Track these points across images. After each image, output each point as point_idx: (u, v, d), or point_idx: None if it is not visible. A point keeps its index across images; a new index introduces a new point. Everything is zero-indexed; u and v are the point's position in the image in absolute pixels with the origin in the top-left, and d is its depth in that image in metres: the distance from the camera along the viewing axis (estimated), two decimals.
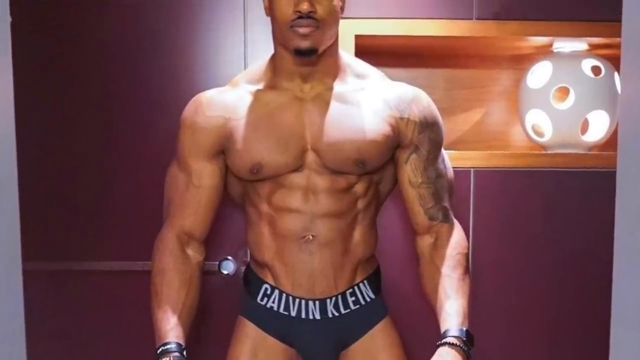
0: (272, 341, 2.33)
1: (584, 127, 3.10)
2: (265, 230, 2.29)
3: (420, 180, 2.25)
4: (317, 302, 2.29)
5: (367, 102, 2.22)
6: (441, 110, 2.34)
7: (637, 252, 1.17)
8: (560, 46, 3.13)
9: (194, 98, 2.29)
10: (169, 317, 2.15)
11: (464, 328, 2.06)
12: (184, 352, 2.10)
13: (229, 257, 3.00)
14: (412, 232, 2.34)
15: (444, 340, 2.04)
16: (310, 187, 2.21)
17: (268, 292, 2.33)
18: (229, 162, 2.24)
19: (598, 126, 3.10)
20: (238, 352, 2.35)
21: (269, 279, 2.33)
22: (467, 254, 2.27)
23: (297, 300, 2.29)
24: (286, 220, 2.23)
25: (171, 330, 2.12)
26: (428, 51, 3.34)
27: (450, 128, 3.30)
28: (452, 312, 2.09)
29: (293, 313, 2.30)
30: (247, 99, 2.24)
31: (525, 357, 3.14)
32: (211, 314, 2.99)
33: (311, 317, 2.30)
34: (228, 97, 2.25)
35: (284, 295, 2.30)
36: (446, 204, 2.29)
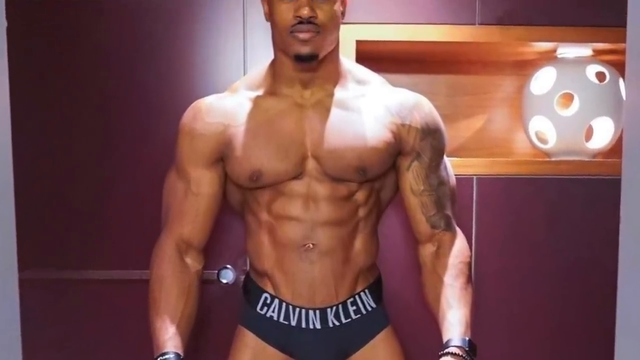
0: (272, 351, 2.33)
1: (588, 134, 3.10)
2: (265, 238, 2.28)
3: (422, 187, 2.25)
4: (318, 312, 2.29)
5: (368, 109, 2.22)
6: (443, 116, 2.34)
7: None
8: (564, 52, 3.13)
9: (193, 104, 2.29)
10: (167, 327, 2.14)
11: (467, 338, 2.05)
12: None
13: (228, 266, 3.00)
14: (414, 241, 2.34)
15: (446, 350, 2.03)
16: (310, 195, 2.21)
17: (268, 302, 2.32)
18: (228, 170, 2.24)
19: (602, 133, 3.10)
20: None
21: (269, 288, 2.32)
22: (470, 263, 2.27)
23: (298, 309, 2.29)
24: (286, 228, 2.23)
25: (169, 339, 2.12)
26: (430, 57, 3.34)
27: (452, 135, 3.30)
28: (455, 322, 2.09)
29: (293, 322, 2.30)
30: (247, 106, 2.24)
31: None
32: (210, 324, 2.99)
33: (311, 327, 2.29)
34: (227, 104, 2.25)
35: (284, 304, 2.30)
36: (448, 212, 2.29)
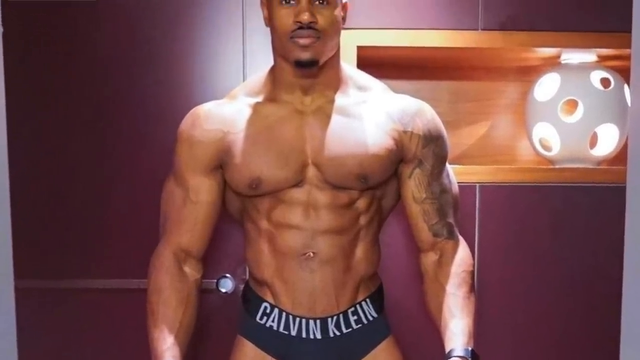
0: None
1: (593, 141, 3.10)
2: (264, 247, 2.28)
3: (424, 195, 2.25)
4: (318, 321, 2.28)
5: (370, 115, 2.22)
6: (446, 123, 2.34)
7: None
8: (568, 57, 3.13)
9: (191, 111, 2.29)
10: (166, 337, 2.14)
11: (470, 348, 2.05)
12: None
13: (227, 275, 3.00)
14: (416, 249, 2.34)
15: None
16: (311, 203, 2.21)
17: (267, 311, 2.32)
18: (227, 177, 2.24)
19: (607, 140, 3.10)
20: None
21: (269, 298, 2.32)
22: (473, 272, 2.27)
23: (298, 319, 2.28)
24: (286, 236, 2.23)
25: (168, 350, 2.12)
26: (432, 63, 3.34)
27: (455, 142, 3.30)
28: (457, 332, 2.09)
29: (293, 332, 2.29)
30: (246, 112, 2.24)
31: None
32: (209, 334, 2.99)
33: (312, 337, 2.29)
34: (226, 110, 2.25)
35: (284, 314, 2.29)
36: (451, 220, 2.29)
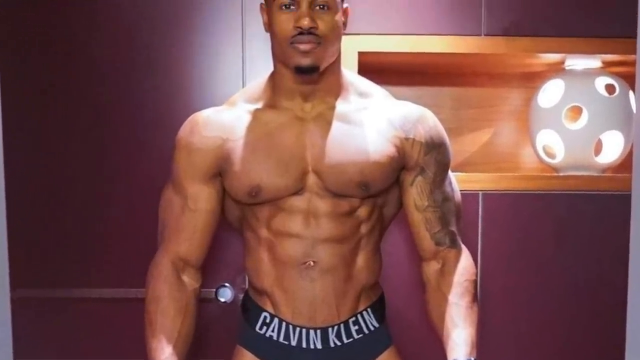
0: None
1: (598, 148, 3.10)
2: (264, 256, 2.28)
3: (426, 203, 2.25)
4: (319, 331, 2.28)
5: (371, 122, 2.22)
6: (448, 130, 2.34)
7: None
8: (572, 63, 3.13)
9: (190, 118, 2.29)
10: (164, 347, 2.14)
11: (472, 358, 2.05)
12: None
13: (227, 284, 3.00)
14: (418, 258, 2.34)
15: None
16: (311, 211, 2.21)
17: (267, 321, 2.32)
18: (227, 185, 2.24)
19: (612, 147, 3.10)
20: None
21: (268, 307, 2.32)
22: (475, 281, 2.27)
23: (298, 329, 2.28)
24: (286, 245, 2.23)
25: None
26: (434, 69, 3.34)
27: (457, 149, 3.30)
28: (460, 342, 2.09)
29: (293, 342, 2.29)
30: (246, 119, 2.24)
31: None
32: (208, 343, 2.99)
33: (312, 347, 2.29)
34: (225, 117, 2.25)
35: (284, 323, 2.29)
36: (453, 229, 2.29)
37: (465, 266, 2.26)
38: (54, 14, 2.93)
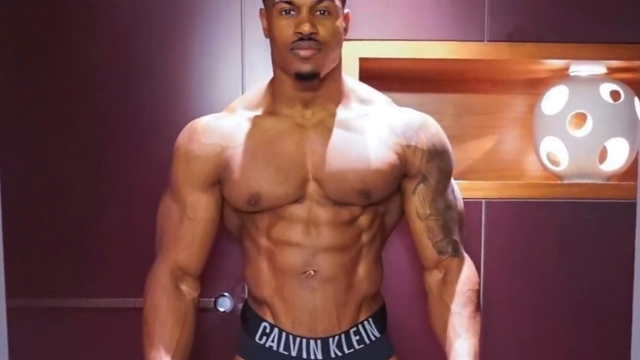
0: None
1: (602, 156, 3.10)
2: (264, 265, 2.28)
3: (428, 211, 2.25)
4: (319, 342, 2.28)
5: (372, 129, 2.22)
6: (451, 137, 2.34)
7: None
8: (577, 70, 3.14)
9: (189, 125, 2.29)
10: (162, 357, 2.14)
11: None
12: None
13: (226, 294, 3.00)
14: (420, 267, 2.34)
15: None
16: (311, 220, 2.20)
17: (267, 331, 2.32)
18: (226, 193, 2.24)
19: (617, 154, 3.10)
20: None
21: (268, 317, 2.31)
22: (478, 290, 2.27)
23: (298, 339, 2.28)
24: (286, 254, 2.22)
25: None
26: (437, 75, 3.35)
27: (460, 156, 3.30)
28: (463, 352, 2.09)
29: (293, 353, 2.29)
30: (245, 126, 2.24)
31: None
32: (207, 354, 2.98)
33: (312, 357, 2.28)
34: (224, 124, 2.25)
35: (284, 334, 2.29)
36: (456, 237, 2.29)
37: (468, 275, 2.26)
38: (50, 18, 2.93)
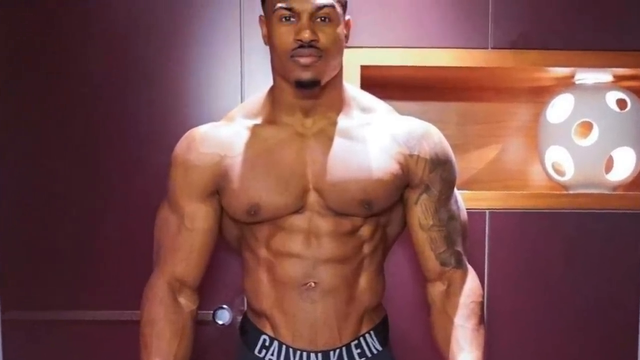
0: None
1: (609, 165, 3.10)
2: (263, 276, 2.27)
3: (431, 222, 2.24)
4: (320, 355, 2.27)
5: (374, 138, 2.21)
6: (454, 146, 2.34)
7: None
8: (582, 77, 3.14)
9: (187, 134, 2.28)
10: None
11: None
12: None
13: (225, 306, 3.00)
14: (423, 279, 2.33)
15: None
16: (312, 230, 2.20)
17: (267, 344, 2.31)
18: (225, 203, 2.23)
19: (623, 164, 3.10)
20: None
21: (268, 330, 2.31)
22: (482, 302, 2.26)
23: (298, 352, 2.27)
24: (286, 266, 2.22)
25: None
26: (439, 83, 3.35)
27: (463, 166, 3.30)
28: None
29: None
30: (244, 135, 2.23)
31: None
32: None
33: None
34: (223, 133, 2.25)
35: (284, 347, 2.28)
36: (459, 249, 2.28)
37: (471, 287, 2.25)
38: (47, 29, 2.93)
